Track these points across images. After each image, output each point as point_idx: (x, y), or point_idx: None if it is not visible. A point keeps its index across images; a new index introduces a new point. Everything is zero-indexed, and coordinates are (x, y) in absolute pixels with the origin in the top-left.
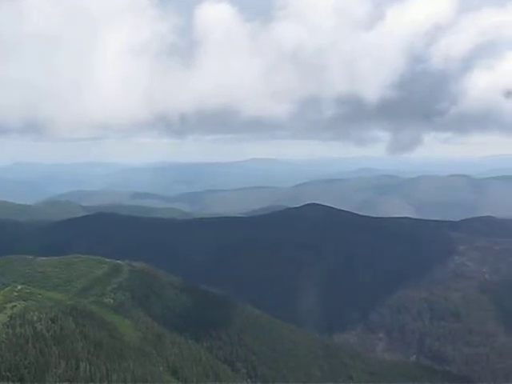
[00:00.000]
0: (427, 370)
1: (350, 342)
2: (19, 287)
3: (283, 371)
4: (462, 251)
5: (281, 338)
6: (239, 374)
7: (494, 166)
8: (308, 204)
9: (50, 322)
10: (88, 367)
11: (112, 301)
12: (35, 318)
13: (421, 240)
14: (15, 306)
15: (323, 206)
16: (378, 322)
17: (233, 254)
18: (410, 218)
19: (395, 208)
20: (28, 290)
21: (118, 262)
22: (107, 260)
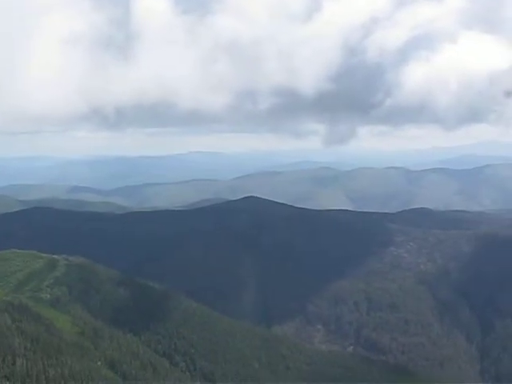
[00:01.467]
0: (364, 361)
1: (287, 333)
2: None
3: (222, 364)
4: (399, 243)
5: (219, 330)
6: (178, 367)
7: (430, 158)
8: (246, 197)
9: None
10: (25, 363)
11: (49, 296)
12: None
13: (358, 232)
14: None
15: (261, 198)
16: (315, 314)
17: (171, 248)
18: (347, 210)
19: (332, 200)
20: None
21: (55, 256)
22: (43, 255)
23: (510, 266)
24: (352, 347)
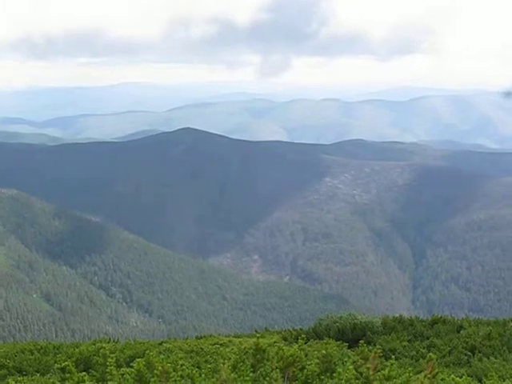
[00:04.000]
0: (300, 290)
1: (224, 264)
2: None
3: (158, 295)
4: (334, 174)
5: (156, 262)
6: (115, 298)
7: (365, 89)
8: (182, 128)
9: None
10: None
11: None
12: None
13: (293, 163)
14: None
15: (197, 129)
16: (252, 245)
17: (107, 180)
18: (283, 142)
19: (268, 131)
20: None
21: None
22: None
23: (441, 196)
24: (288, 277)
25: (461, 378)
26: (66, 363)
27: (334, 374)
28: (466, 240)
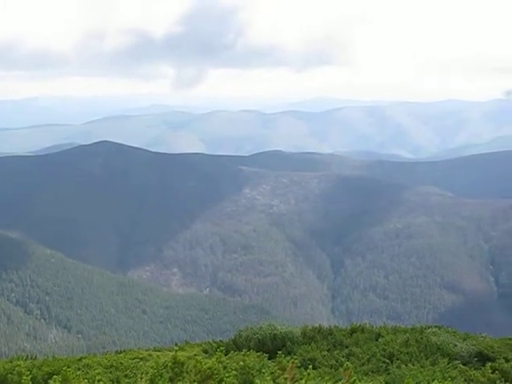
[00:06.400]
0: (220, 302)
1: (144, 278)
2: None
3: (77, 310)
4: (252, 185)
5: (75, 277)
6: (33, 315)
7: (282, 101)
8: (100, 141)
9: None
10: None
11: None
12: None
13: (212, 175)
14: None
15: (115, 143)
16: (171, 258)
17: (23, 194)
18: (202, 154)
19: (187, 144)
20: None
21: None
22: None
23: (358, 206)
24: (208, 289)
25: None
26: None
27: None
28: (384, 249)
